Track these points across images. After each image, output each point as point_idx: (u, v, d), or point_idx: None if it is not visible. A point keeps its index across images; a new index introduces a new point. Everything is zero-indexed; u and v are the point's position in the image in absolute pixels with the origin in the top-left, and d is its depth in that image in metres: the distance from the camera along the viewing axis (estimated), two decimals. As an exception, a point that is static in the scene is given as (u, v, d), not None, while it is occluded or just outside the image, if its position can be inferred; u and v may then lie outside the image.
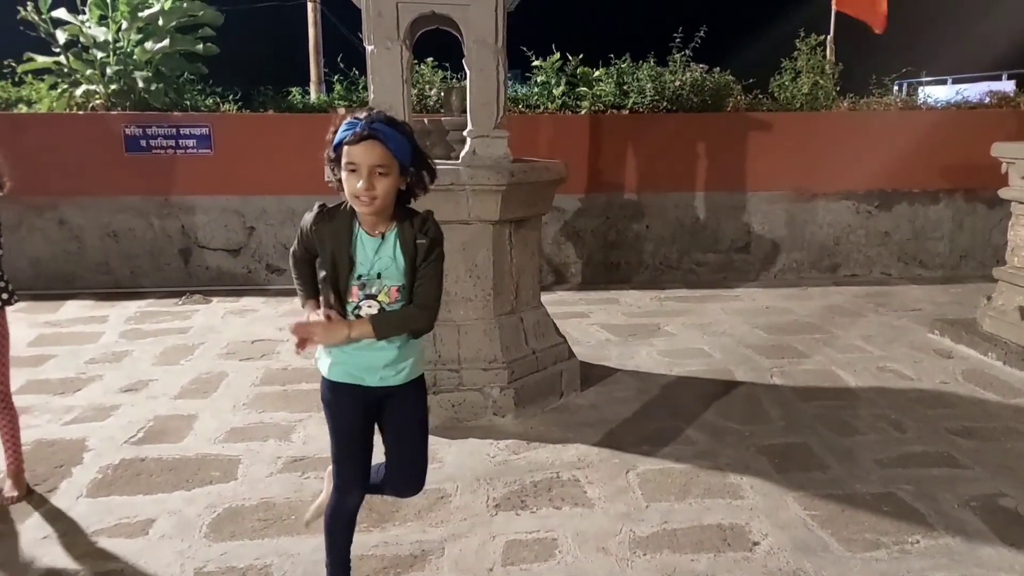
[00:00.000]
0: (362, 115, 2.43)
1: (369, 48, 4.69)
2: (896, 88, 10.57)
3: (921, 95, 10.68)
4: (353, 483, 2.77)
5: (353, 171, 2.41)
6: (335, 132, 2.46)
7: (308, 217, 2.61)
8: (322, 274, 2.62)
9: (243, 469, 4.12)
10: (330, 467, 2.89)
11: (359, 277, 2.55)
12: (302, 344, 2.56)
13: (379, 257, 2.54)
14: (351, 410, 2.69)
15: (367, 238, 2.55)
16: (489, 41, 4.68)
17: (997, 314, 6.28)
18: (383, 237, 2.55)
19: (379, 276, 2.55)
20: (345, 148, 2.41)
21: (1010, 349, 5.93)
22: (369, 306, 2.56)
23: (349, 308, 2.59)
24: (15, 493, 3.73)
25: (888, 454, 4.33)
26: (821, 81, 9.41)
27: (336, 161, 2.47)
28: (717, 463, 4.22)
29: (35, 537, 3.44)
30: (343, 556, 2.90)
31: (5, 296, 3.59)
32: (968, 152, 8.54)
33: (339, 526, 2.85)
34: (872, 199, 9.16)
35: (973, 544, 3.42)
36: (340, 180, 2.48)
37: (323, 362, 2.70)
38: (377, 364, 2.62)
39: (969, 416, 4.91)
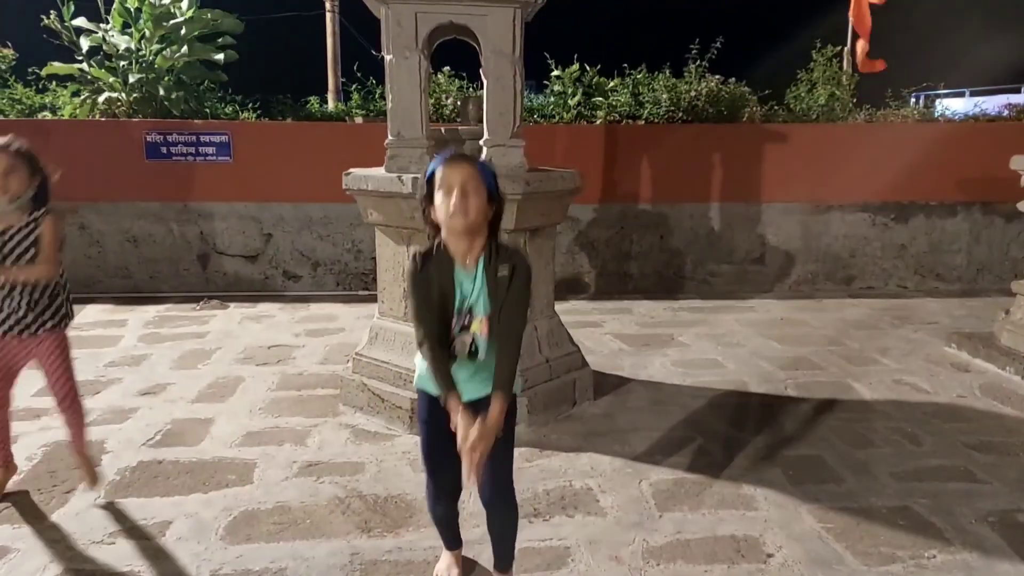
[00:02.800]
0: (448, 153, 2.64)
1: (387, 58, 4.73)
2: (913, 100, 10.55)
3: (939, 107, 10.64)
4: (442, 493, 3.00)
5: (447, 189, 2.53)
6: (424, 175, 2.64)
7: (411, 269, 2.65)
8: (414, 308, 2.70)
9: (259, 473, 4.15)
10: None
11: (457, 311, 2.65)
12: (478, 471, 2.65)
13: (472, 289, 2.64)
14: (443, 424, 2.73)
15: (461, 271, 2.64)
16: (506, 51, 4.71)
17: (1015, 328, 6.25)
18: (476, 268, 2.65)
19: (471, 309, 2.65)
20: (438, 173, 2.57)
21: (1028, 363, 5.91)
22: (463, 339, 2.65)
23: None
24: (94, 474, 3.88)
25: (904, 467, 4.31)
26: (837, 92, 9.41)
27: (428, 198, 2.62)
28: (731, 474, 4.21)
29: (53, 538, 3.47)
30: (453, 534, 3.21)
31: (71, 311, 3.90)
32: (986, 165, 8.51)
33: (437, 522, 3.14)
34: (888, 211, 9.13)
35: (990, 560, 3.40)
36: (430, 227, 2.67)
37: (417, 373, 2.84)
38: (472, 382, 2.72)
39: (986, 430, 4.88)
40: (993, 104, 10.20)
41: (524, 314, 2.73)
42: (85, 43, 8.84)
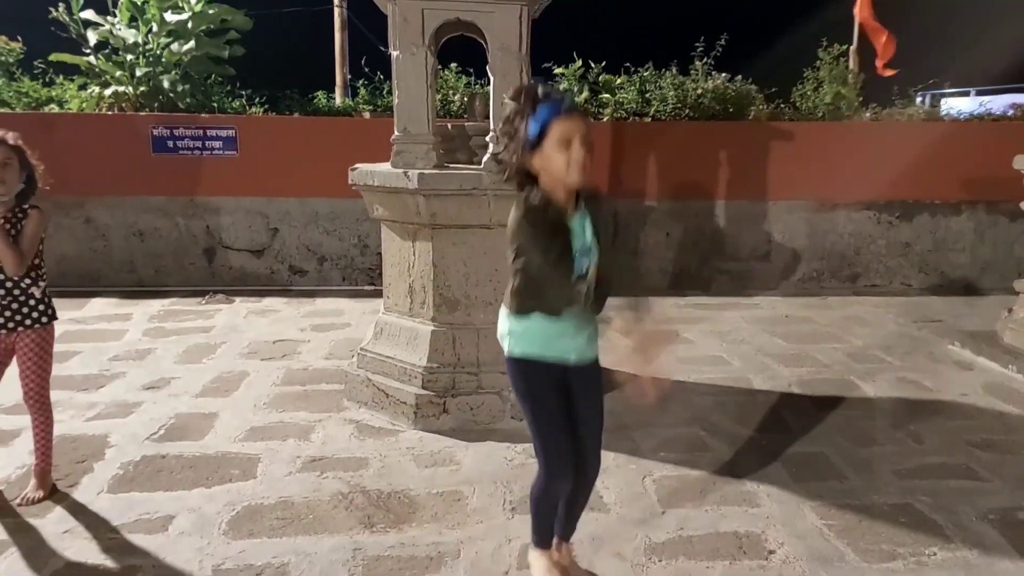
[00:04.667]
0: (548, 95, 2.50)
1: (394, 54, 4.73)
2: (919, 99, 10.52)
3: (944, 106, 10.61)
4: (567, 467, 2.82)
5: (568, 142, 2.46)
6: (523, 120, 2.50)
7: (535, 212, 2.54)
8: (522, 267, 2.64)
9: (262, 468, 4.16)
10: None
11: (575, 260, 2.59)
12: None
13: (584, 235, 2.63)
14: (553, 391, 2.73)
15: (573, 220, 2.61)
16: (513, 48, 4.71)
17: (1018, 327, 6.24)
18: (579, 215, 2.64)
19: (588, 253, 2.64)
20: (555, 125, 2.46)
21: (1031, 362, 5.91)
22: (579, 287, 2.58)
23: (559, 294, 2.63)
24: (40, 493, 3.76)
25: (906, 465, 4.31)
26: (843, 91, 9.38)
27: (533, 147, 2.50)
28: (734, 471, 4.22)
29: (56, 531, 3.49)
30: (549, 527, 3.04)
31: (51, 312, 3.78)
32: (991, 164, 8.47)
33: (547, 508, 2.97)
34: (893, 209, 9.12)
35: (991, 557, 3.41)
36: (518, 174, 2.58)
37: (516, 340, 2.75)
38: (579, 338, 2.72)
39: (989, 428, 4.88)
40: (999, 104, 10.16)
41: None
42: (92, 36, 8.85)
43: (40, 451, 3.81)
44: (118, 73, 8.84)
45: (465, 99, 8.38)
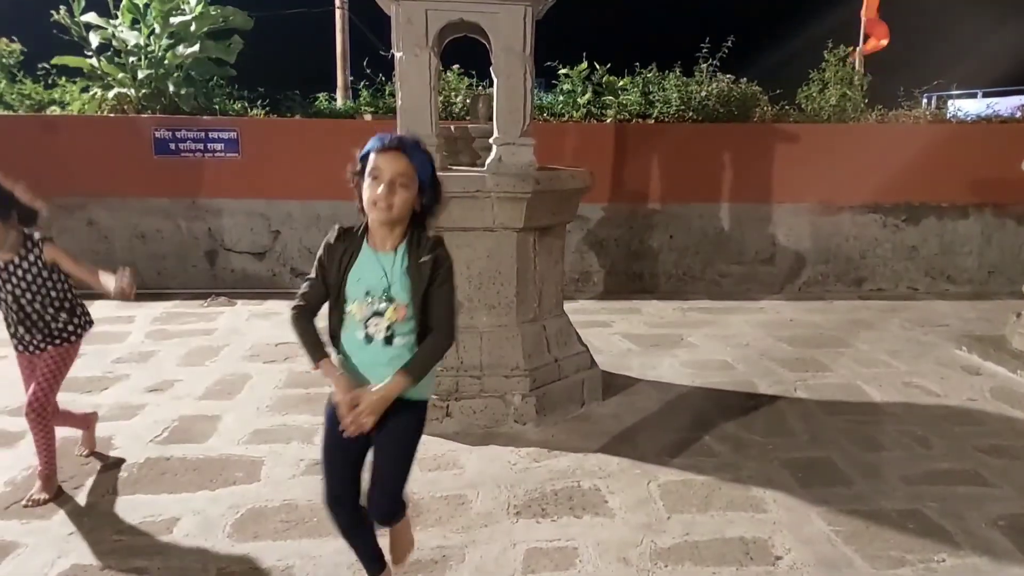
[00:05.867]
0: (391, 134, 2.56)
1: (398, 55, 4.72)
2: (925, 101, 10.50)
3: (951, 108, 10.59)
4: (331, 499, 2.81)
5: (375, 178, 2.47)
6: (361, 149, 2.55)
7: (328, 237, 2.65)
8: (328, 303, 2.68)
9: (266, 470, 4.15)
10: None
11: (367, 294, 2.57)
12: (360, 427, 2.57)
13: (389, 274, 2.56)
14: (338, 423, 2.66)
15: (376, 255, 2.58)
16: (517, 49, 4.69)
17: (1026, 331, 6.22)
18: (394, 253, 2.58)
19: (386, 293, 2.56)
20: (371, 156, 2.50)
21: (1039, 367, 5.88)
22: (376, 324, 2.58)
23: (353, 326, 2.62)
24: (45, 495, 3.76)
25: (914, 471, 4.29)
26: (849, 93, 9.37)
27: (360, 174, 2.54)
28: (740, 476, 4.19)
29: (61, 533, 3.48)
30: (366, 552, 2.93)
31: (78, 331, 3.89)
32: (998, 167, 8.45)
33: (345, 534, 2.89)
34: (899, 212, 9.09)
35: (1000, 563, 3.38)
36: (359, 201, 2.57)
37: None
38: (389, 366, 2.59)
39: (997, 434, 4.85)
40: (1006, 105, 10.14)
41: (453, 307, 2.66)
42: (94, 39, 8.86)
43: (43, 457, 3.80)
44: (120, 75, 8.84)
45: (467, 101, 8.37)
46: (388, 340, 2.59)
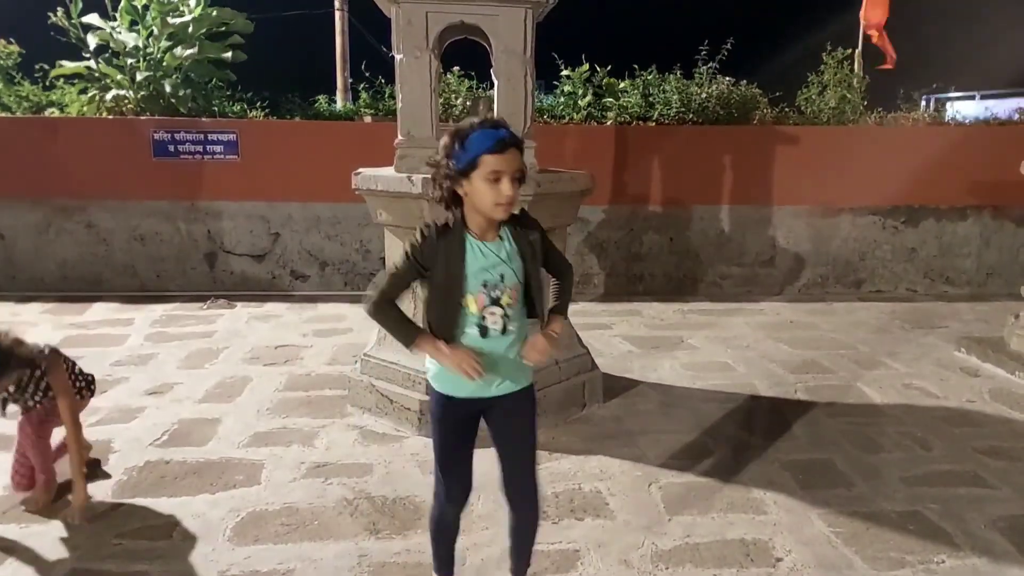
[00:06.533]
0: (489, 125, 2.46)
1: (398, 57, 4.72)
2: (924, 103, 10.50)
3: (949, 110, 10.60)
4: (456, 495, 2.81)
5: (496, 179, 2.41)
6: (459, 145, 2.44)
7: (421, 238, 2.54)
8: (425, 295, 2.63)
9: (266, 474, 4.14)
10: None
11: (484, 285, 2.54)
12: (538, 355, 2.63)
13: (500, 261, 2.55)
14: (462, 424, 2.70)
15: (484, 245, 2.55)
16: (517, 51, 4.70)
17: (1025, 333, 6.23)
18: (499, 239, 2.59)
19: (502, 279, 2.55)
20: (486, 157, 2.40)
21: (1038, 368, 5.88)
22: (492, 313, 2.56)
23: (470, 320, 2.57)
24: (45, 499, 3.76)
25: (914, 472, 4.29)
26: (848, 95, 9.37)
27: (461, 174, 2.45)
28: (740, 477, 4.19)
29: (60, 537, 3.47)
30: (448, 555, 3.01)
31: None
32: (996, 169, 8.46)
33: (439, 534, 2.96)
34: (898, 215, 9.10)
35: (1000, 565, 3.38)
36: (447, 195, 2.52)
37: (435, 374, 2.69)
38: (499, 372, 2.61)
39: (996, 435, 4.86)
40: (1004, 107, 10.14)
41: (561, 252, 2.81)
42: (92, 40, 8.84)
43: (40, 468, 3.80)
44: (119, 77, 8.83)
45: (468, 102, 8.38)
46: (504, 329, 2.58)
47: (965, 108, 11.19)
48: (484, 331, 2.57)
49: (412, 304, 4.93)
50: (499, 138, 2.41)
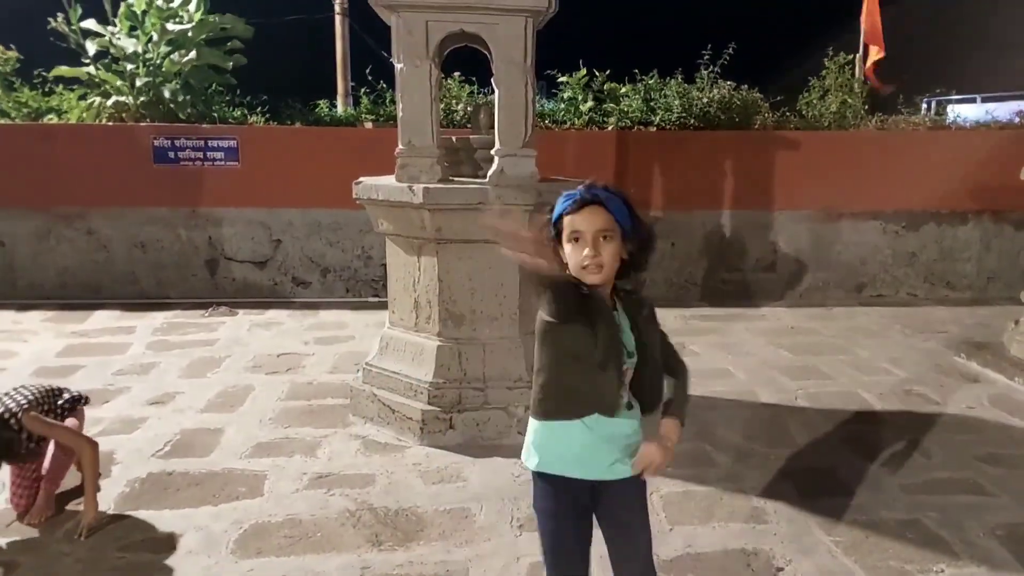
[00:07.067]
0: (575, 186, 2.33)
1: (398, 66, 4.72)
2: (924, 106, 10.50)
3: (950, 114, 10.58)
4: None
5: (577, 240, 2.25)
6: (551, 211, 2.34)
7: (564, 293, 2.23)
8: (566, 363, 2.33)
9: (269, 485, 4.15)
10: None
11: (620, 360, 2.33)
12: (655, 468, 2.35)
13: (623, 335, 2.35)
14: (572, 511, 2.40)
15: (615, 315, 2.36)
16: (518, 60, 4.70)
17: (1025, 338, 6.24)
18: (616, 312, 2.37)
19: (627, 352, 2.34)
20: (567, 219, 2.27)
21: (1038, 374, 5.89)
22: (621, 392, 2.34)
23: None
24: (47, 512, 3.76)
25: (913, 480, 4.30)
26: (849, 100, 9.38)
27: (557, 238, 2.30)
28: (741, 486, 4.20)
29: (63, 550, 3.48)
30: None
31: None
32: (997, 173, 8.47)
33: None
34: (899, 219, 9.10)
35: (998, 574, 3.40)
36: (560, 262, 2.30)
37: (533, 451, 2.42)
38: (614, 451, 2.36)
39: (995, 442, 4.87)
40: (1005, 111, 10.13)
41: (671, 344, 2.53)
42: (92, 46, 8.84)
43: (49, 478, 3.81)
44: (118, 83, 8.84)
45: (469, 108, 8.38)
46: (629, 405, 2.37)
47: (966, 111, 11.16)
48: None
49: (413, 291, 4.95)
50: (573, 198, 2.27)
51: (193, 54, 8.87)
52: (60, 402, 3.95)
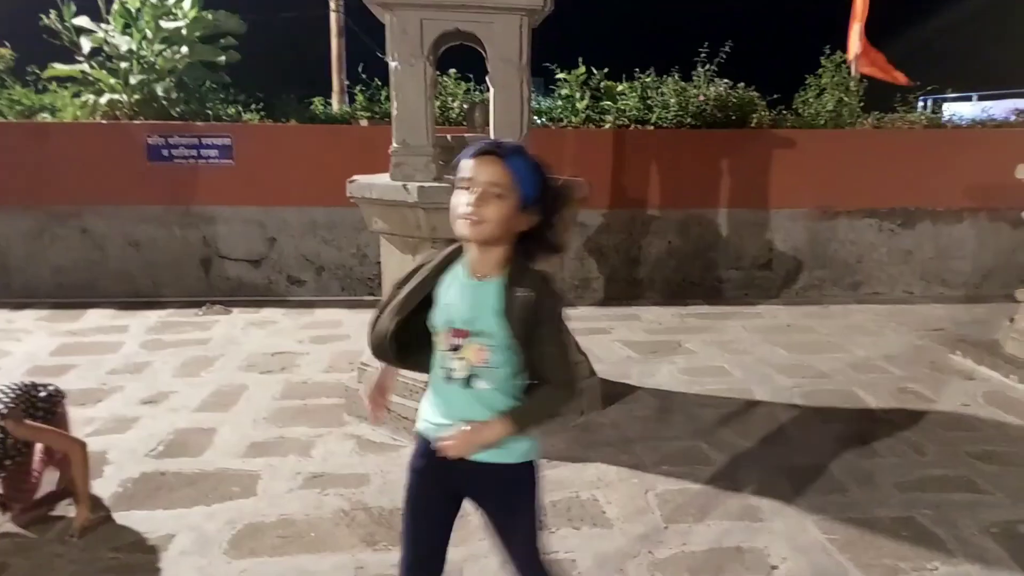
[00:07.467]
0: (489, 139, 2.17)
1: (393, 64, 4.71)
2: (921, 104, 10.50)
3: (946, 112, 10.60)
4: (422, 569, 2.37)
5: (465, 188, 2.05)
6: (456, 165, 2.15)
7: (438, 255, 2.23)
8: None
9: (263, 485, 4.13)
10: None
11: (448, 323, 2.16)
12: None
13: (474, 305, 2.12)
14: (431, 481, 2.29)
15: (466, 280, 2.16)
16: (513, 59, 4.69)
17: (1020, 336, 6.23)
18: (489, 284, 2.13)
19: (470, 328, 2.13)
20: (462, 163, 2.07)
21: (1033, 372, 5.89)
22: (456, 360, 2.15)
23: (438, 357, 2.21)
24: (39, 511, 3.74)
25: (908, 477, 4.30)
26: (845, 98, 9.38)
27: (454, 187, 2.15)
28: (736, 484, 4.20)
29: (55, 551, 3.46)
30: None
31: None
32: (993, 171, 8.48)
33: None
34: (895, 217, 9.11)
35: (992, 571, 3.40)
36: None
37: (422, 421, 2.32)
38: (473, 407, 2.18)
39: (990, 440, 4.87)
40: (1001, 109, 10.15)
41: (564, 353, 2.19)
42: (86, 44, 8.82)
43: (37, 479, 3.79)
44: (112, 81, 8.80)
45: (465, 106, 8.37)
46: (467, 382, 2.15)
47: (962, 109, 11.18)
48: (449, 375, 2.18)
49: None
50: (485, 144, 2.09)
51: (186, 51, 8.84)
52: (38, 399, 3.78)
